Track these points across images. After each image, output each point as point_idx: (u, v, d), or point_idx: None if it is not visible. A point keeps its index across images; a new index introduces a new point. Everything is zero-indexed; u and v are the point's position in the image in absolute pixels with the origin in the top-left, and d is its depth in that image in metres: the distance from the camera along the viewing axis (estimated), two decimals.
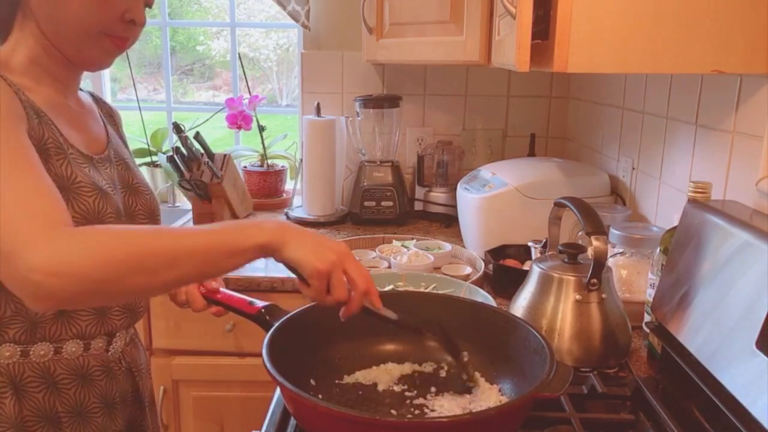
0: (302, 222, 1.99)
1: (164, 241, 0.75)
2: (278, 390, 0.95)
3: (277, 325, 0.87)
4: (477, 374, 0.91)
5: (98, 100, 1.10)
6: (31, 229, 0.70)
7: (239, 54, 2.24)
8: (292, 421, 0.87)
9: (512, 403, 0.82)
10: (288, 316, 0.90)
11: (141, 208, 1.02)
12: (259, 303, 0.93)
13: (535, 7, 0.95)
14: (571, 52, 0.95)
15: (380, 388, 0.91)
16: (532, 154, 2.09)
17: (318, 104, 1.99)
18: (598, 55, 0.97)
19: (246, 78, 2.22)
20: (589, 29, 0.95)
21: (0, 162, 0.74)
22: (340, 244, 0.81)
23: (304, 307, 0.93)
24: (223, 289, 1.00)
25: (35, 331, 0.90)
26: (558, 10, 0.94)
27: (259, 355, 0.80)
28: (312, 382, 0.90)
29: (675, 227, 1.02)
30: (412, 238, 1.70)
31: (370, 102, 2.01)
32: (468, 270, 1.52)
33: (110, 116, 1.11)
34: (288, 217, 2.03)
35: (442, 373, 0.94)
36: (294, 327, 0.89)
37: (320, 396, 0.88)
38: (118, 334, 0.99)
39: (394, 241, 1.70)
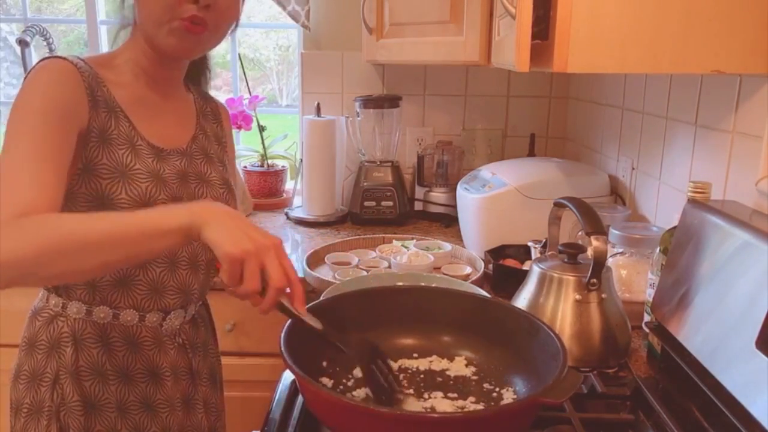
0: (302, 222, 1.99)
1: (89, 225, 0.80)
2: (278, 390, 0.96)
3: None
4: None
5: (206, 99, 1.21)
6: None
7: (239, 54, 2.24)
8: (293, 421, 0.87)
9: (509, 405, 0.82)
10: (311, 305, 0.89)
11: (210, 198, 1.10)
12: None
13: (534, 7, 0.95)
14: (571, 52, 0.95)
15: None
16: (532, 154, 2.09)
17: (318, 104, 1.99)
18: (598, 55, 0.97)
19: (246, 78, 2.21)
20: (588, 29, 0.95)
21: (17, 149, 0.86)
22: (268, 236, 0.79)
23: (326, 298, 0.93)
24: None
25: (95, 294, 1.02)
26: (558, 10, 0.94)
27: (260, 354, 0.80)
28: (326, 368, 0.90)
29: (675, 227, 1.02)
30: (412, 238, 1.70)
31: (370, 102, 2.01)
32: (468, 270, 1.52)
33: (214, 114, 1.20)
34: (288, 217, 2.03)
35: (462, 372, 0.93)
36: (316, 316, 0.88)
37: (335, 386, 0.88)
38: (173, 312, 1.08)
39: (394, 241, 1.70)
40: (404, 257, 1.54)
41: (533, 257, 1.38)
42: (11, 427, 1.08)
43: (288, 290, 0.81)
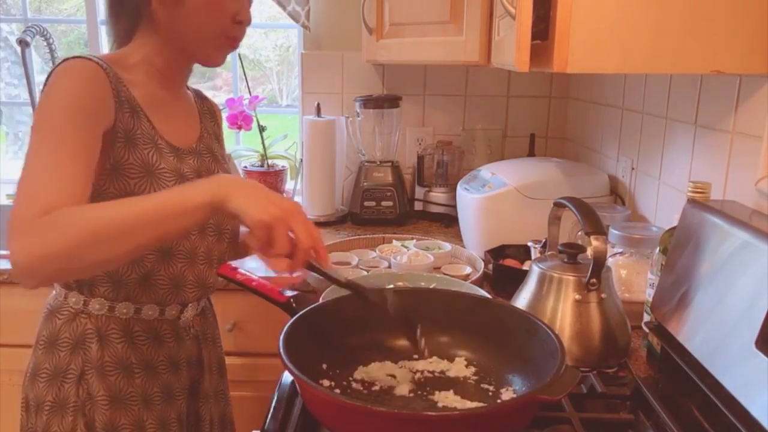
0: None
1: (115, 211, 0.82)
2: (278, 390, 0.96)
3: (299, 315, 0.89)
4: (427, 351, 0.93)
5: (203, 98, 1.23)
6: (23, 215, 0.81)
7: (239, 54, 2.24)
8: (292, 421, 0.87)
9: (507, 403, 0.82)
10: (312, 307, 0.91)
11: None
12: (289, 293, 0.96)
13: (534, 7, 0.95)
14: (571, 53, 0.96)
15: (395, 383, 0.90)
16: (531, 154, 2.09)
17: (318, 104, 1.99)
18: (598, 55, 0.97)
19: (246, 78, 2.21)
20: (588, 29, 0.95)
21: (43, 147, 0.87)
22: (290, 201, 0.83)
23: (327, 300, 0.94)
24: (256, 276, 1.02)
25: (119, 290, 1.04)
26: (558, 10, 0.95)
27: (260, 354, 0.80)
28: (326, 370, 0.90)
29: (674, 227, 1.02)
30: (412, 238, 1.71)
31: (370, 102, 2.01)
32: (468, 270, 1.52)
33: (211, 113, 1.23)
34: None
35: (462, 373, 0.93)
36: (316, 318, 0.91)
37: (334, 387, 0.88)
38: (190, 305, 1.12)
39: (394, 241, 1.70)
40: (404, 257, 1.55)
41: (533, 257, 1.38)
42: (22, 425, 1.09)
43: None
